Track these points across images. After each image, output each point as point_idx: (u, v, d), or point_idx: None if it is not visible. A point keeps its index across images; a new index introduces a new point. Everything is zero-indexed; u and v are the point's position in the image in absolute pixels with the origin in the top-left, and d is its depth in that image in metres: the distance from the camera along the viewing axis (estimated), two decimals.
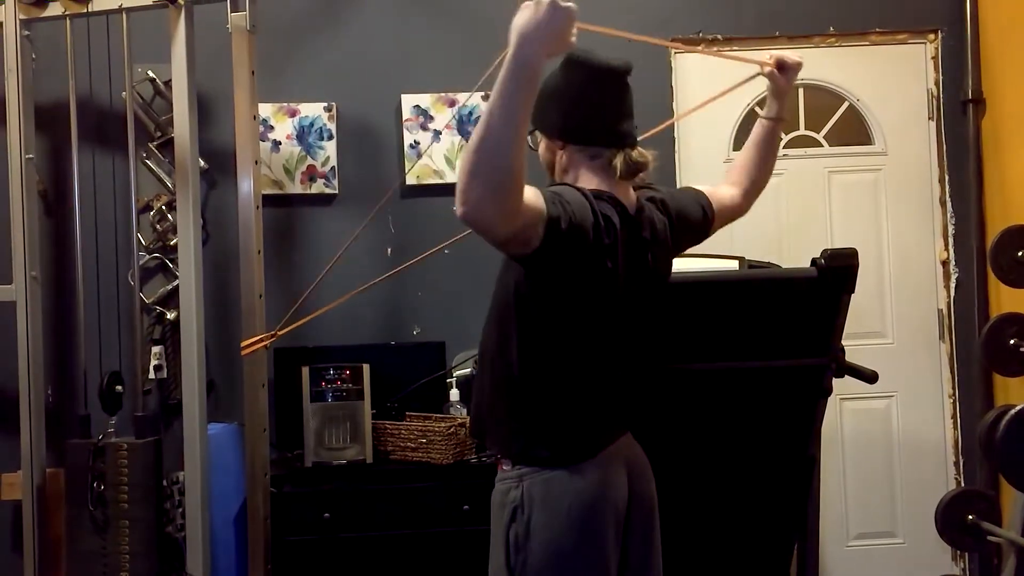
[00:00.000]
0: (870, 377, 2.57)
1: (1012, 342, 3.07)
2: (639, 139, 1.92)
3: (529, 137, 1.97)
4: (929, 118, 3.70)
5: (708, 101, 2.47)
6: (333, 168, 3.50)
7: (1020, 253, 3.10)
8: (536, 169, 1.84)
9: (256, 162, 2.94)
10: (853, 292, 2.45)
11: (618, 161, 1.86)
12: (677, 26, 3.60)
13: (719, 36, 3.63)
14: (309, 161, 3.49)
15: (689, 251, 2.16)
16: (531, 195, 1.57)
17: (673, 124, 3.55)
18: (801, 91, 3.67)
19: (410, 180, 3.50)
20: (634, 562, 1.96)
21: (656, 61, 3.54)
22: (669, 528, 2.07)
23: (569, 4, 1.46)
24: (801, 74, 2.21)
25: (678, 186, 3.52)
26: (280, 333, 2.62)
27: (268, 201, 3.29)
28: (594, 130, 1.88)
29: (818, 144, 3.70)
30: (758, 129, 2.26)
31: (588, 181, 1.88)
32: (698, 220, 2.09)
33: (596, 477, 1.86)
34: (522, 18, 1.46)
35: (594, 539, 1.85)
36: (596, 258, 1.77)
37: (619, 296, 1.86)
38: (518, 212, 1.52)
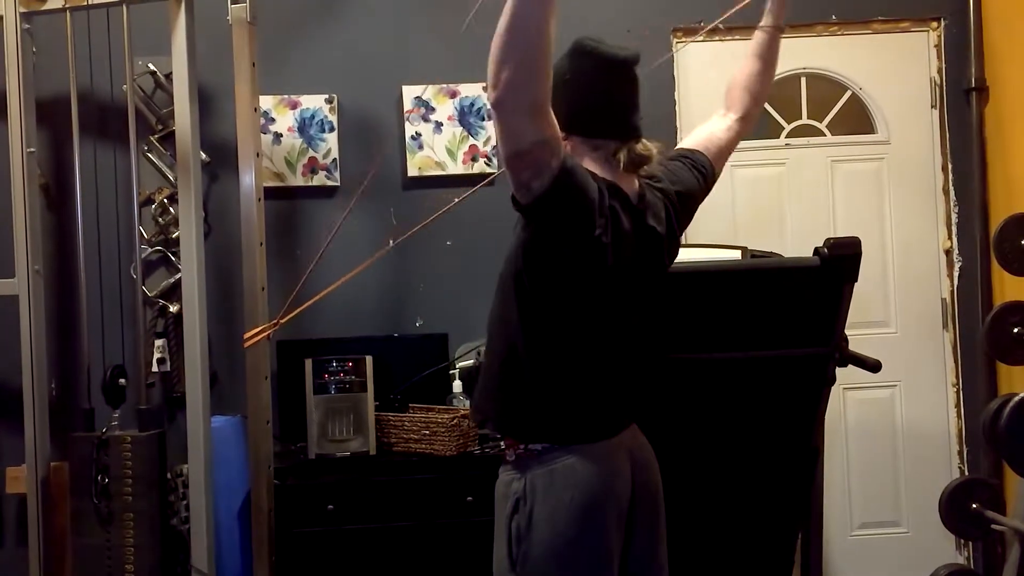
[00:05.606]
0: (873, 366, 2.56)
1: (1016, 331, 3.07)
2: None
3: None
4: (932, 106, 3.68)
5: None
6: (335, 160, 3.49)
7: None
8: None
9: (257, 154, 2.93)
10: (856, 281, 2.45)
11: (621, 154, 1.84)
12: (678, 15, 3.59)
13: (720, 25, 3.60)
14: (310, 153, 3.49)
15: (691, 241, 2.15)
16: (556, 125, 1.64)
17: (675, 111, 3.55)
18: (803, 80, 3.65)
19: (412, 172, 3.50)
20: (638, 553, 1.96)
21: (659, 51, 3.52)
22: (672, 518, 2.07)
23: None
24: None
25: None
26: (282, 321, 2.61)
27: (270, 193, 3.28)
28: (598, 121, 1.87)
29: (820, 133, 3.68)
30: (758, 38, 2.29)
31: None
32: (699, 188, 2.09)
33: (598, 469, 1.86)
34: None
35: (596, 532, 1.85)
36: (592, 232, 1.75)
37: (618, 279, 1.86)
38: (545, 107, 1.58)
